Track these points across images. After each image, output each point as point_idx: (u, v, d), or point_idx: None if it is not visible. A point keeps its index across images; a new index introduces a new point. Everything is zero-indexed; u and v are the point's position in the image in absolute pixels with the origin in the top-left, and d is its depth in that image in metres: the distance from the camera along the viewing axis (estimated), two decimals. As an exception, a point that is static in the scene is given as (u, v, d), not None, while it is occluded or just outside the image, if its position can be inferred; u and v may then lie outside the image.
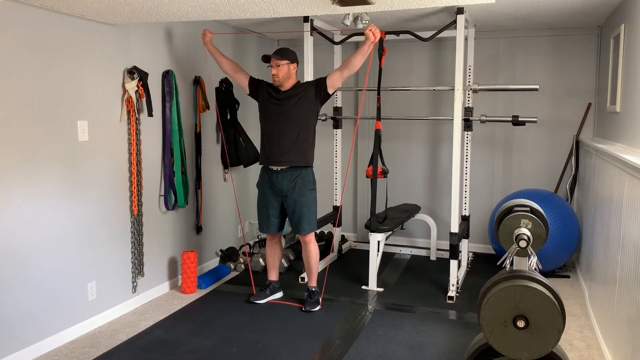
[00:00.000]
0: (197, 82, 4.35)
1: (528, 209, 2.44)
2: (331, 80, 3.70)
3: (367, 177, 4.23)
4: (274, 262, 4.03)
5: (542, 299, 2.09)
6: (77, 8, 3.04)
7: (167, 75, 3.94)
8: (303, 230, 3.78)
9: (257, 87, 3.87)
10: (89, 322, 3.45)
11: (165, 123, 3.96)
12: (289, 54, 3.71)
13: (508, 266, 2.38)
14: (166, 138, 3.97)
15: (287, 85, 3.71)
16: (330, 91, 3.72)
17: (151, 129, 3.88)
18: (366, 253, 4.41)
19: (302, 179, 3.72)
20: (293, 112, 3.66)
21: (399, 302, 3.98)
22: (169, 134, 3.97)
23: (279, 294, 4.05)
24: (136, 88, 3.64)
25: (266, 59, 3.72)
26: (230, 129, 4.68)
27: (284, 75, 3.67)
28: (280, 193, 3.76)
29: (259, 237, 5.33)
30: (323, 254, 4.78)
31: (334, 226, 5.06)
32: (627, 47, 3.44)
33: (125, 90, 3.62)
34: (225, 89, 4.68)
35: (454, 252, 4.03)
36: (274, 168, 3.73)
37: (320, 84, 3.72)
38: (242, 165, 4.81)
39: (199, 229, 4.47)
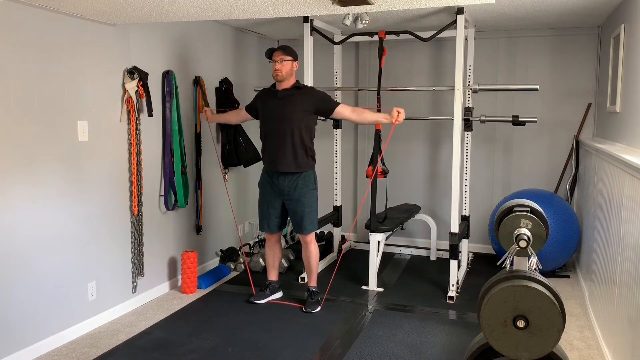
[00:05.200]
0: (197, 82, 4.35)
1: (528, 209, 2.44)
2: (339, 111, 3.72)
3: (367, 177, 4.23)
4: (273, 262, 4.03)
5: (542, 299, 2.09)
6: (77, 8, 3.04)
7: (167, 75, 3.94)
8: (305, 230, 3.78)
9: (255, 103, 3.91)
10: (89, 322, 3.45)
11: (165, 123, 3.96)
12: (293, 52, 3.73)
13: (508, 266, 2.38)
14: (166, 138, 3.97)
15: (287, 84, 3.71)
16: (330, 117, 3.80)
17: (151, 129, 3.88)
18: (366, 253, 4.42)
19: (304, 179, 3.72)
20: (293, 112, 3.65)
21: (399, 302, 3.99)
22: (169, 134, 3.97)
23: (279, 294, 4.05)
24: (136, 88, 3.64)
25: (270, 53, 3.72)
26: (230, 129, 4.68)
27: (287, 71, 3.67)
28: (282, 193, 3.76)
29: (259, 237, 5.33)
30: (323, 254, 4.79)
31: (334, 226, 5.06)
32: (627, 47, 3.44)
33: (125, 90, 3.62)
34: (225, 89, 4.68)
35: (454, 252, 4.04)
36: (276, 170, 3.74)
37: (327, 105, 3.72)
38: (242, 165, 4.81)
39: (199, 229, 4.47)
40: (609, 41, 4.08)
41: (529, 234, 2.34)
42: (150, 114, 3.78)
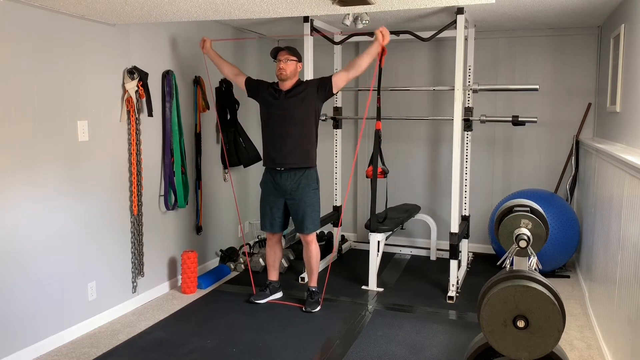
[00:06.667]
0: (197, 82, 4.35)
1: (528, 209, 2.44)
2: (336, 79, 3.71)
3: (367, 177, 4.23)
4: (274, 262, 4.03)
5: (542, 299, 2.09)
6: (77, 8, 3.04)
7: (167, 75, 3.94)
8: (307, 229, 3.78)
9: (257, 87, 3.87)
10: (89, 322, 3.45)
11: (165, 123, 3.96)
12: (298, 53, 3.75)
13: (508, 266, 2.38)
14: (166, 138, 3.97)
15: (289, 84, 3.72)
16: (334, 90, 3.74)
17: (151, 129, 3.88)
18: (366, 253, 4.41)
19: (306, 179, 3.73)
20: (295, 112, 3.66)
21: (399, 302, 3.98)
22: (169, 134, 3.97)
23: (279, 294, 4.05)
24: (136, 88, 3.64)
25: (275, 52, 3.72)
26: (230, 128, 4.68)
27: (292, 71, 3.68)
28: (284, 192, 3.76)
29: (259, 237, 5.33)
30: (323, 254, 4.78)
31: (334, 226, 5.06)
32: (627, 47, 3.44)
33: (125, 90, 3.62)
34: (225, 89, 4.68)
35: (454, 252, 4.03)
36: (278, 168, 3.73)
37: (324, 82, 3.72)
38: (242, 165, 4.81)
39: (199, 229, 4.47)
40: (609, 41, 4.08)
41: (529, 234, 2.34)
42: (150, 114, 3.78)
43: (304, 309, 3.79)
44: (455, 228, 4.03)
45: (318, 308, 3.81)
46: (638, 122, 2.98)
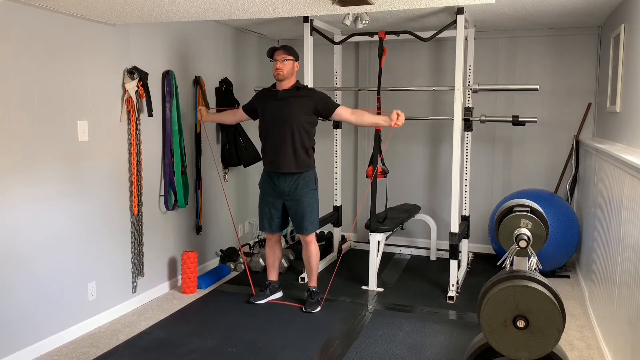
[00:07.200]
0: (197, 82, 4.35)
1: (528, 209, 2.44)
2: (337, 113, 3.73)
3: (367, 177, 4.24)
4: (273, 262, 4.03)
5: (542, 299, 2.09)
6: (77, 8, 3.04)
7: (167, 75, 3.94)
8: (306, 230, 3.78)
9: (253, 104, 3.91)
10: (89, 322, 3.45)
11: (165, 123, 3.96)
12: (294, 52, 3.73)
13: (508, 266, 2.38)
14: (166, 138, 3.97)
15: (287, 84, 3.71)
16: (329, 118, 3.82)
17: (151, 129, 3.88)
18: (366, 253, 4.41)
19: (305, 179, 3.72)
20: (293, 112, 3.65)
21: (399, 302, 3.98)
22: (169, 134, 3.97)
23: (279, 294, 4.05)
24: (136, 88, 3.64)
25: (271, 52, 3.72)
26: (230, 128, 4.68)
27: (289, 70, 3.67)
28: (283, 194, 3.76)
29: (259, 237, 5.33)
30: (323, 254, 4.78)
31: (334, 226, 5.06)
32: (627, 47, 3.44)
33: (125, 90, 3.62)
34: (225, 89, 4.68)
35: (454, 252, 4.04)
36: (276, 170, 3.73)
37: (329, 106, 3.72)
38: (242, 165, 4.80)
39: (199, 229, 4.47)
40: (609, 41, 4.08)
41: (529, 234, 2.34)
42: (150, 114, 3.78)
43: (304, 309, 3.79)
44: (455, 228, 4.04)
45: (318, 308, 3.81)
46: (638, 122, 2.98)
